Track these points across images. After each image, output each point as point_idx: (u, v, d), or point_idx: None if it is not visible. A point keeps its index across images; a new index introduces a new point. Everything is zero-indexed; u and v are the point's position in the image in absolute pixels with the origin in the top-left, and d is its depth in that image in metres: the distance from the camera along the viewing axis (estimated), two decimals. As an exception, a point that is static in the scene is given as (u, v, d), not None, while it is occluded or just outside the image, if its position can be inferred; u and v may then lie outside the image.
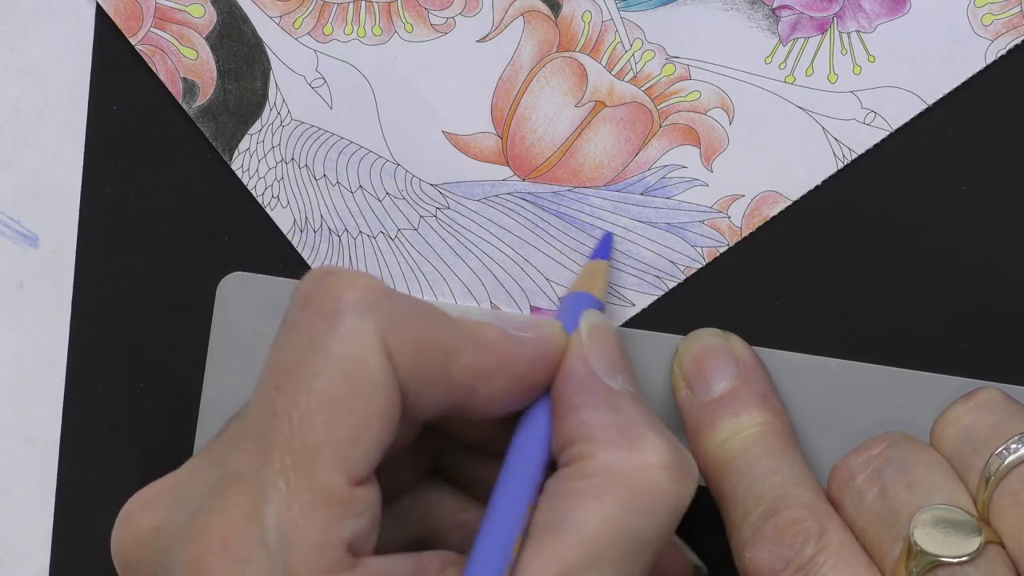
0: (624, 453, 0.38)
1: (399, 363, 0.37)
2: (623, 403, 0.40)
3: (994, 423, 0.41)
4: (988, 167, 0.45)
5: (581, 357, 0.41)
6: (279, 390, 0.37)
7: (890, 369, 0.45)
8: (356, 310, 0.37)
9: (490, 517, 0.39)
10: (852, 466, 0.41)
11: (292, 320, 0.38)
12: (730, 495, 0.42)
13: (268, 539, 0.36)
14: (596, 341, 0.41)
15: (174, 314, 0.48)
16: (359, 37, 0.47)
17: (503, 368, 0.39)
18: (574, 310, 0.42)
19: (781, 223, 0.46)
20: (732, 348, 0.45)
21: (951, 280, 0.45)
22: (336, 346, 0.37)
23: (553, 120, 0.46)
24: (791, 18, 0.45)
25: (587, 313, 0.42)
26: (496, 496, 0.39)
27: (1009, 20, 0.44)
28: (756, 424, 0.43)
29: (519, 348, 0.40)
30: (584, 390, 0.40)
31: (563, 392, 0.40)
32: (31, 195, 0.49)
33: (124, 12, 0.48)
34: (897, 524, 0.40)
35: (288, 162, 0.48)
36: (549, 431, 0.40)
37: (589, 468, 0.38)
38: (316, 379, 0.37)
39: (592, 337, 0.41)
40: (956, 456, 0.41)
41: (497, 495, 0.39)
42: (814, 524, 0.40)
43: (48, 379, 0.49)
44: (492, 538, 0.38)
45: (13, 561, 0.50)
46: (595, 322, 0.42)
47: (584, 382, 0.40)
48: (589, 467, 0.38)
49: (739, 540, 0.41)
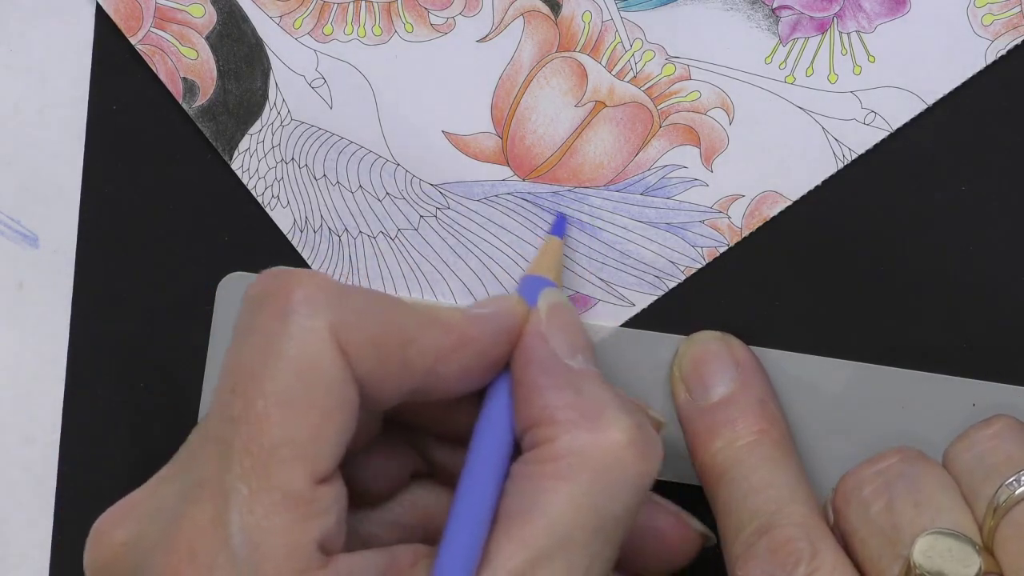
0: (587, 433, 0.38)
1: (354, 357, 0.38)
2: (584, 382, 0.40)
3: (1009, 453, 0.41)
4: (988, 167, 0.45)
5: (540, 336, 0.40)
6: (235, 394, 0.37)
7: (890, 369, 0.45)
8: (307, 308, 0.37)
9: (457, 505, 0.39)
10: (862, 476, 0.41)
11: (244, 323, 0.38)
12: (724, 507, 0.42)
13: (234, 544, 0.36)
14: (555, 320, 0.41)
15: (174, 314, 0.48)
16: (359, 37, 0.47)
17: (462, 346, 0.39)
18: (532, 291, 0.42)
19: (781, 223, 0.46)
20: (732, 352, 0.45)
21: (951, 280, 0.45)
22: (289, 346, 0.37)
23: (553, 120, 0.46)
24: (791, 18, 0.45)
25: (545, 292, 0.42)
26: (462, 483, 0.39)
27: (1009, 20, 0.44)
28: (752, 433, 0.43)
29: (478, 324, 0.40)
30: (545, 371, 0.40)
31: (524, 373, 0.40)
32: (31, 195, 0.49)
33: (124, 12, 0.48)
34: (899, 542, 0.40)
35: (288, 162, 0.48)
36: (512, 414, 0.40)
37: (553, 450, 0.38)
38: (271, 381, 0.37)
39: (551, 316, 0.41)
40: (967, 481, 0.41)
41: (463, 482, 0.39)
42: (807, 544, 0.40)
43: (48, 379, 0.49)
44: (460, 527, 0.38)
45: (13, 561, 0.50)
46: (553, 301, 0.41)
47: (544, 362, 0.40)
48: (553, 449, 0.38)
49: (732, 554, 0.41)
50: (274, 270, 0.39)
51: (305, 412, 0.37)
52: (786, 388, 0.45)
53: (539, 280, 0.43)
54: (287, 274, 0.38)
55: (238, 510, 0.36)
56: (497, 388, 0.40)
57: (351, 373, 0.38)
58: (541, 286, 0.43)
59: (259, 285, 0.38)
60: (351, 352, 0.38)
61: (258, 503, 0.36)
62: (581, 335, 0.41)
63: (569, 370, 0.40)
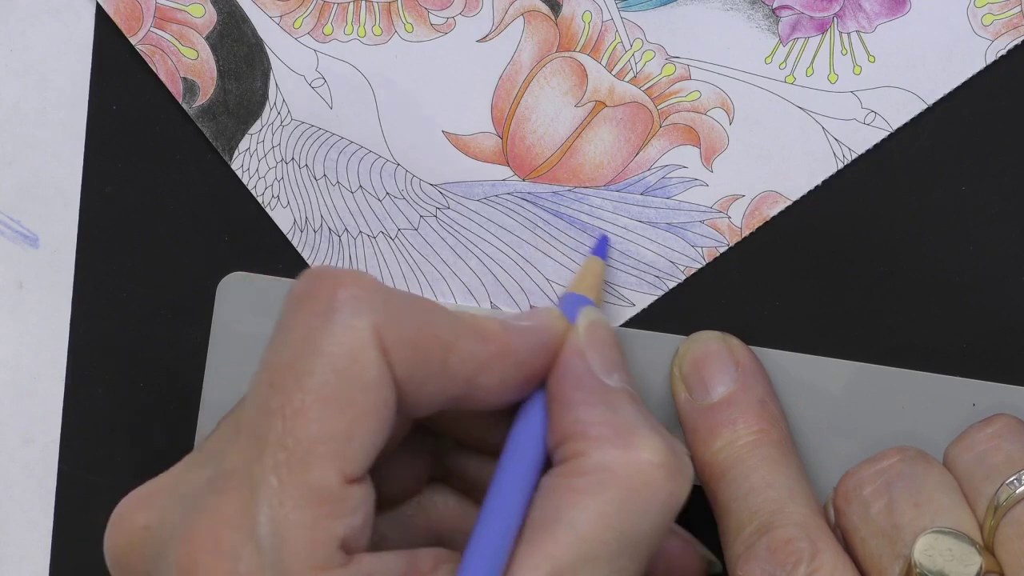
0: (619, 451, 0.38)
1: (395, 359, 0.37)
2: (619, 401, 0.40)
3: (1009, 452, 0.41)
4: (988, 167, 0.45)
5: (578, 353, 0.40)
6: (273, 387, 0.37)
7: (889, 369, 0.45)
8: (350, 308, 0.37)
9: (485, 514, 0.39)
10: (862, 475, 0.41)
11: (287, 319, 0.38)
12: (725, 506, 0.42)
13: (260, 536, 0.36)
14: (593, 338, 0.41)
15: (174, 314, 0.48)
16: (359, 37, 0.47)
17: (503, 357, 0.39)
18: (571, 309, 0.42)
19: (781, 223, 0.46)
20: (732, 352, 0.45)
21: (951, 280, 0.45)
22: (330, 344, 0.37)
23: (553, 120, 0.46)
24: (791, 18, 0.45)
25: (585, 310, 0.42)
26: (491, 493, 0.39)
27: (1009, 20, 0.44)
28: (753, 432, 0.43)
29: (518, 336, 0.40)
30: (580, 386, 0.40)
31: (559, 388, 0.40)
32: (31, 195, 0.49)
33: (124, 12, 0.48)
34: (900, 541, 0.40)
35: (288, 162, 0.48)
36: (545, 428, 0.40)
37: (584, 465, 0.38)
38: (310, 377, 0.37)
39: (589, 334, 0.41)
40: (967, 481, 0.41)
41: (492, 492, 0.39)
42: (807, 544, 0.40)
43: (48, 379, 0.49)
44: (487, 535, 0.38)
45: (13, 561, 0.50)
46: (593, 319, 0.42)
47: (581, 379, 0.40)
48: (584, 464, 0.38)
49: (732, 554, 0.41)
50: (318, 268, 0.39)
51: (343, 410, 0.37)
52: (786, 388, 0.45)
53: (579, 298, 0.44)
54: (331, 273, 0.38)
55: (267, 502, 0.36)
56: (533, 402, 0.41)
57: (391, 375, 0.37)
58: (581, 304, 0.43)
59: (302, 284, 0.38)
60: (392, 354, 0.37)
61: (288, 497, 0.36)
62: (618, 355, 0.41)
63: (605, 387, 0.40)
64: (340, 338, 0.37)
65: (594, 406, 0.39)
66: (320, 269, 0.38)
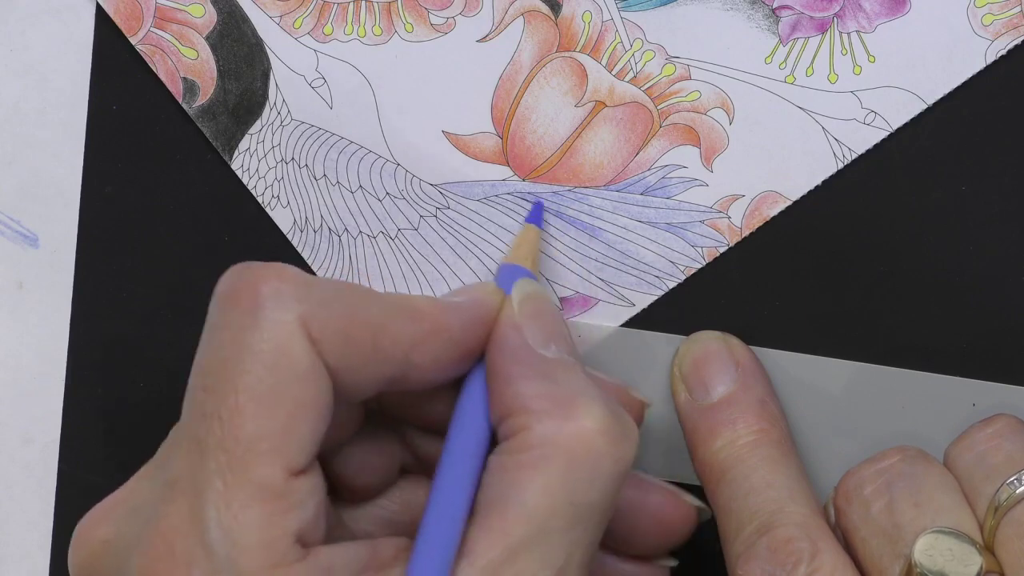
0: (560, 422, 0.38)
1: (325, 348, 0.38)
2: (558, 371, 0.40)
3: (1010, 452, 0.41)
4: (988, 167, 0.45)
5: (514, 327, 0.40)
6: (207, 391, 0.37)
7: (890, 369, 0.45)
8: (274, 302, 0.37)
9: (434, 497, 0.38)
10: (863, 475, 0.41)
11: (213, 320, 0.38)
12: (724, 506, 0.42)
13: (211, 539, 0.36)
14: (528, 309, 0.41)
15: (174, 314, 0.48)
16: (359, 37, 0.47)
17: (435, 335, 0.39)
18: (508, 281, 0.42)
19: (781, 223, 0.46)
20: (732, 352, 0.45)
21: (951, 280, 0.45)
22: (258, 340, 0.37)
23: (553, 120, 0.46)
24: (791, 18, 0.45)
25: (519, 283, 0.42)
26: (439, 475, 0.39)
27: (1009, 20, 0.44)
28: (753, 432, 0.43)
29: (451, 313, 0.40)
30: (518, 360, 0.40)
31: (497, 363, 0.40)
32: (31, 195, 0.49)
33: (124, 12, 0.48)
34: (900, 541, 0.40)
35: (288, 162, 0.48)
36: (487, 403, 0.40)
37: (528, 440, 0.38)
38: (242, 376, 0.37)
39: (524, 306, 0.41)
40: (968, 480, 0.41)
41: (440, 474, 0.39)
42: (807, 544, 0.40)
43: (48, 379, 0.49)
44: (437, 519, 0.38)
45: (13, 561, 0.50)
46: (528, 291, 0.41)
47: (517, 352, 0.40)
48: (528, 439, 0.38)
49: (732, 553, 0.41)
50: (240, 266, 0.39)
51: (278, 405, 0.37)
52: (786, 388, 0.45)
53: (516, 269, 0.43)
54: (253, 269, 0.38)
55: (214, 505, 0.36)
56: (473, 379, 0.40)
57: (323, 364, 0.38)
58: (518, 274, 0.42)
59: (226, 281, 0.38)
60: (321, 343, 0.37)
61: (233, 498, 0.36)
62: (556, 324, 0.41)
63: (542, 359, 0.40)
64: (268, 334, 0.37)
65: (532, 379, 0.39)
66: (242, 266, 0.39)
